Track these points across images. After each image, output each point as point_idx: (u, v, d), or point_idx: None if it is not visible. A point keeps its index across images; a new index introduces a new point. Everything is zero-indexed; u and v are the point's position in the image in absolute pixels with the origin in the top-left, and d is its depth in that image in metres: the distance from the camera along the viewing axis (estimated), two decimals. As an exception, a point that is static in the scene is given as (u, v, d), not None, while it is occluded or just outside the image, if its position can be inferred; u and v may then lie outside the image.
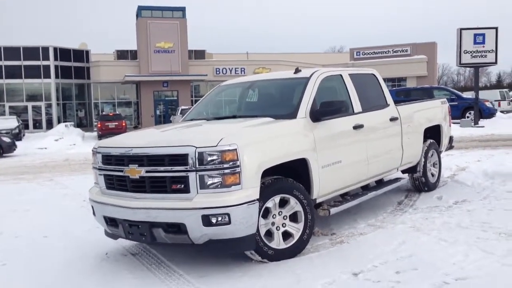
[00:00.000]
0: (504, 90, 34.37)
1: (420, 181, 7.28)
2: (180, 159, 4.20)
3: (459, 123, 19.77)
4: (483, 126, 19.13)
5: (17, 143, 21.56)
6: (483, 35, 19.27)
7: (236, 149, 4.15)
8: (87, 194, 5.28)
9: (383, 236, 5.22)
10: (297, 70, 5.75)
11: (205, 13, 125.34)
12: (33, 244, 5.81)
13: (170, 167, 4.24)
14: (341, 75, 5.88)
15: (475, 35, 19.33)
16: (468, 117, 21.26)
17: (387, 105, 6.44)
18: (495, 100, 26.59)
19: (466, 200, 6.69)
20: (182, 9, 41.99)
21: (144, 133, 5.42)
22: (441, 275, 3.98)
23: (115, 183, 4.66)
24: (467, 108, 21.85)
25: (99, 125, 30.88)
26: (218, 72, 43.02)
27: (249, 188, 4.20)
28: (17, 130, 29.54)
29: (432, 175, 7.56)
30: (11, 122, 30.32)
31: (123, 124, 30.81)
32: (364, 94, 6.00)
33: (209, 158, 4.13)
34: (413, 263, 4.32)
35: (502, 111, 25.64)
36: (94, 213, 5.01)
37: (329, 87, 5.71)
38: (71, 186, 10.21)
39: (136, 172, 4.38)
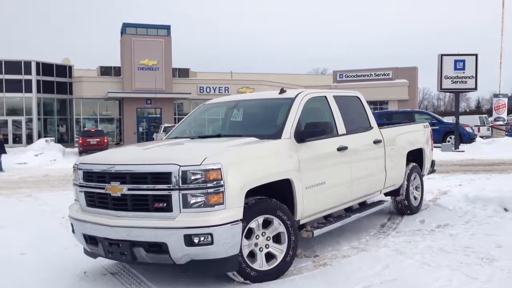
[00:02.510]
0: (483, 115, 34.98)
1: (403, 204, 7.30)
2: (163, 177, 4.13)
3: (440, 147, 19.99)
4: (463, 151, 19.36)
5: (-5, 158, 21.08)
6: (464, 61, 19.63)
7: (220, 168, 4.10)
8: (66, 210, 5.15)
9: (367, 259, 5.18)
10: (282, 91, 5.76)
11: (190, 32, 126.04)
12: (9, 262, 5.63)
13: (152, 185, 4.17)
14: (325, 96, 5.90)
15: (456, 61, 19.68)
16: (448, 141, 21.51)
17: (370, 127, 6.47)
18: (475, 126, 27.00)
19: (449, 224, 6.71)
20: (167, 27, 42.07)
21: (126, 150, 5.35)
22: (424, 299, 3.95)
23: (96, 201, 4.57)
24: (448, 133, 22.14)
25: (80, 141, 30.54)
26: (202, 91, 43.05)
27: (232, 208, 4.15)
28: (-5, 145, 28.94)
29: (415, 198, 7.59)
30: (-10, 137, 29.74)
31: (105, 140, 30.51)
32: (348, 116, 6.02)
33: (193, 177, 4.07)
34: (397, 287, 4.29)
35: (481, 136, 26.01)
36: (73, 231, 4.89)
37: (314, 108, 5.72)
38: (50, 203, 10.00)
39: (118, 189, 4.30)
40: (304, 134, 5.11)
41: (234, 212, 4.15)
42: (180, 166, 4.09)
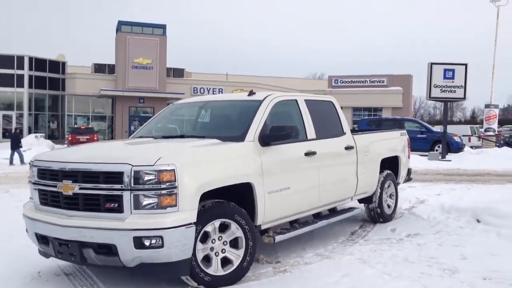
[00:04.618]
0: (475, 126, 34.94)
1: (376, 212, 7.22)
2: (115, 177, 4.03)
3: (427, 155, 19.93)
4: (450, 160, 19.28)
5: (-19, 152, 21.01)
6: (453, 70, 19.54)
7: (174, 170, 4.01)
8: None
9: (328, 267, 5.10)
10: (251, 93, 5.67)
11: (189, 33, 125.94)
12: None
13: (104, 185, 4.07)
14: (296, 100, 5.82)
15: (445, 70, 19.58)
16: (436, 150, 21.44)
17: (343, 133, 6.39)
18: (464, 135, 26.89)
19: (419, 233, 6.64)
20: (163, 27, 41.96)
21: (83, 148, 5.25)
22: (376, 311, 3.87)
23: (49, 199, 4.46)
24: (436, 141, 22.06)
25: (69, 138, 30.47)
26: (195, 91, 42.88)
27: (186, 210, 4.06)
28: (-16, 139, 28.84)
29: (388, 206, 7.51)
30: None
31: (95, 138, 30.37)
32: (319, 121, 5.93)
33: (146, 178, 3.97)
34: (351, 297, 4.20)
35: (471, 147, 25.95)
36: (26, 230, 4.78)
37: (283, 112, 5.62)
38: (26, 199, 9.84)
39: (69, 188, 4.20)
40: (269, 138, 5.01)
41: (187, 214, 4.06)
42: (132, 166, 3.99)
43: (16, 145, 20.08)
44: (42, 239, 4.49)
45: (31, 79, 39.85)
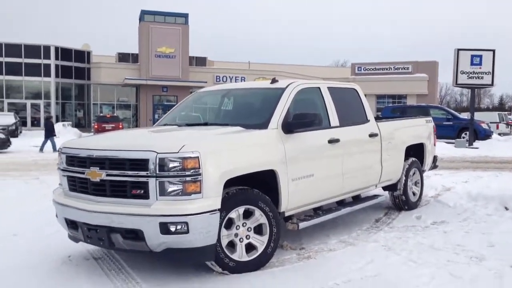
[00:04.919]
0: (503, 113, 34.22)
1: (401, 199, 7.16)
2: (141, 164, 4.09)
3: (453, 143, 19.64)
4: (477, 147, 18.96)
5: (12, 140, 21.59)
6: (481, 56, 19.12)
7: (198, 157, 4.05)
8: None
9: (353, 254, 5.10)
10: (273, 80, 5.66)
11: (211, 21, 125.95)
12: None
13: (130, 172, 4.13)
14: (319, 87, 5.78)
15: (472, 56, 19.17)
16: (463, 137, 21.09)
17: (367, 120, 6.33)
18: (491, 122, 26.31)
19: (445, 221, 6.57)
20: (185, 16, 42.09)
21: (110, 135, 5.34)
22: (400, 297, 3.86)
23: (77, 185, 4.56)
24: (463, 129, 21.66)
25: (95, 126, 31.01)
26: (218, 80, 43.02)
27: (210, 197, 4.10)
28: (13, 127, 29.58)
29: (414, 194, 7.44)
30: (8, 119, 30.44)
31: (120, 126, 30.81)
32: (343, 108, 5.89)
33: (171, 165, 4.02)
34: (376, 284, 4.21)
35: (499, 134, 25.48)
36: (56, 215, 4.90)
37: (306, 99, 5.60)
38: (55, 186, 10.05)
39: (96, 175, 4.28)
40: (292, 125, 5.01)
41: (211, 201, 4.10)
42: (157, 153, 4.04)
43: (50, 134, 20.66)
44: (72, 224, 4.60)
45: (57, 69, 40.56)
